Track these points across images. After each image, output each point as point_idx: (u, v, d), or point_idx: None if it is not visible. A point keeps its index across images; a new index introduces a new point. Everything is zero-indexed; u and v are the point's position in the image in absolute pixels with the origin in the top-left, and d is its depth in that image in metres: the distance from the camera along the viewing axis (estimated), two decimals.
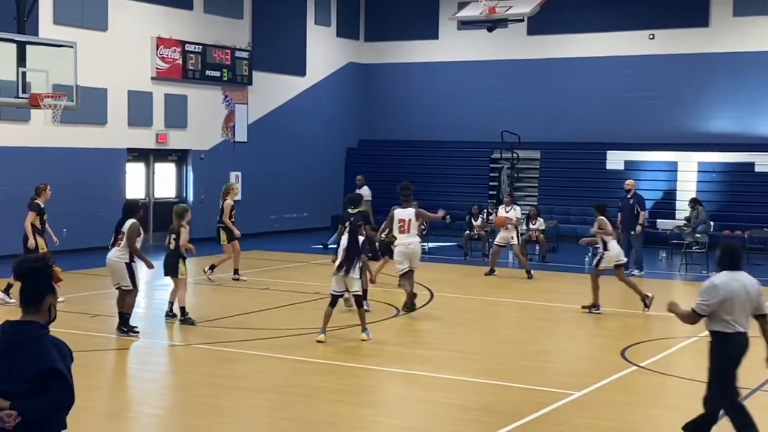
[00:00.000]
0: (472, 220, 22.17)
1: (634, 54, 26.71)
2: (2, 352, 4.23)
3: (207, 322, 13.21)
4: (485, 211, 23.02)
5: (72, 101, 16.53)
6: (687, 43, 26.06)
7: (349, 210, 14.51)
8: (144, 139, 23.06)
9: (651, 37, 26.47)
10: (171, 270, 13.13)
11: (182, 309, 13.12)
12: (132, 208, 12.53)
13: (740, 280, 7.43)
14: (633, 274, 18.99)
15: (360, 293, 12.31)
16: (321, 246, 23.31)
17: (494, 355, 11.54)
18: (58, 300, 4.47)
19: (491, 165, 28.03)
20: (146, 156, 23.57)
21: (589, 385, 9.85)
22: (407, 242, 14.21)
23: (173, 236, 13.09)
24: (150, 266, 12.66)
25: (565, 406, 9.07)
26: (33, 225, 14.32)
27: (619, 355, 11.44)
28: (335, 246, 13.36)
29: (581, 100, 27.22)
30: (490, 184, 27.69)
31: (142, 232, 12.39)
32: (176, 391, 9.91)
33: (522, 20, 22.02)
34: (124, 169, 22.44)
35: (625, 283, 15.00)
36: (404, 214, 14.41)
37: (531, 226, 21.56)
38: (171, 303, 13.34)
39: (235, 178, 25.03)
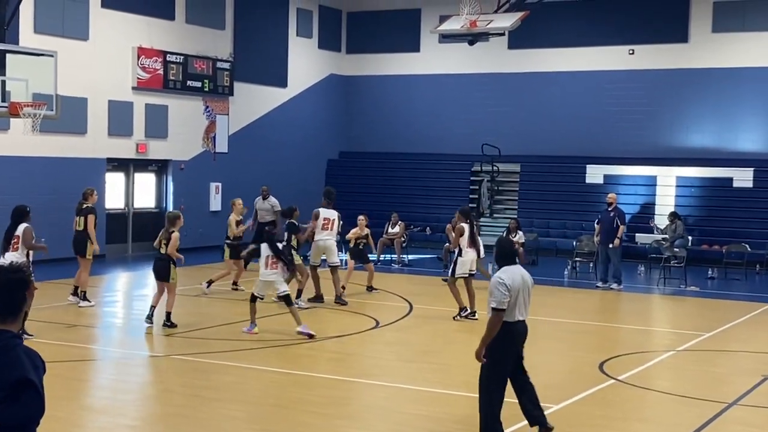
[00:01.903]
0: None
1: (614, 69, 26.89)
2: None
3: (187, 331, 13.16)
4: None
5: (52, 110, 16.48)
6: (666, 58, 26.26)
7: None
8: (124, 148, 22.98)
9: (631, 52, 26.66)
10: (162, 274, 13.23)
11: (168, 314, 13.14)
12: (22, 213, 12.84)
13: (520, 273, 8.09)
14: (611, 288, 19.10)
15: (287, 293, 13.16)
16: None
17: (471, 367, 11.47)
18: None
19: (471, 178, 28.12)
20: (126, 166, 23.48)
21: (566, 399, 9.87)
22: (325, 238, 15.91)
23: (164, 241, 13.17)
24: (45, 250, 13.28)
25: None
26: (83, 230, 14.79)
27: (597, 369, 11.47)
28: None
29: (561, 114, 27.37)
30: (471, 197, 27.73)
31: (34, 234, 12.87)
32: (153, 402, 9.86)
33: (503, 34, 22.13)
34: (103, 178, 22.34)
35: (468, 293, 15.11)
36: (329, 214, 16.24)
37: (511, 238, 21.59)
38: (153, 307, 13.31)
39: (215, 188, 25.01)
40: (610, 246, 19.17)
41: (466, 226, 15.04)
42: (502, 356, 7.98)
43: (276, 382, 10.51)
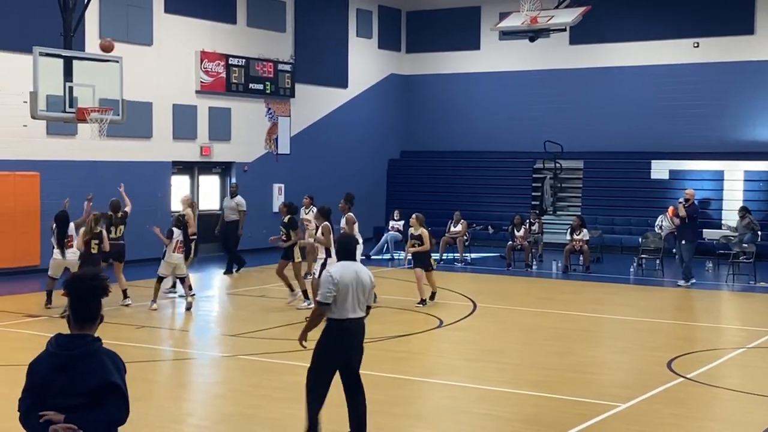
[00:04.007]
0: (515, 231, 22.07)
1: (678, 62, 26.46)
2: (57, 367, 4.25)
3: (254, 332, 13.29)
4: (527, 221, 22.93)
5: (118, 115, 16.74)
6: (732, 51, 25.76)
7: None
8: (188, 151, 23.30)
9: (695, 45, 26.21)
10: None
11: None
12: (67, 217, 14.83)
13: (353, 269, 7.85)
14: (679, 285, 18.82)
15: (185, 276, 15.36)
16: (364, 257, 23.36)
17: (537, 367, 11.46)
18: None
19: (534, 175, 27.89)
20: (191, 168, 23.81)
21: (634, 397, 9.75)
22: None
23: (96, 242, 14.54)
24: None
25: (610, 419, 8.98)
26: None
27: (666, 367, 11.31)
28: (378, 256, 13.83)
29: (625, 109, 27.02)
30: (533, 194, 27.55)
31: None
32: (221, 402, 9.97)
33: (564, 30, 21.91)
34: (169, 181, 22.68)
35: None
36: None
37: (575, 236, 21.40)
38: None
39: (278, 190, 25.22)
40: (682, 243, 18.93)
41: (329, 226, 15.09)
42: (326, 353, 7.85)
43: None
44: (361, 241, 14.27)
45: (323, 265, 13.92)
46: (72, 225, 14.94)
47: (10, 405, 4.63)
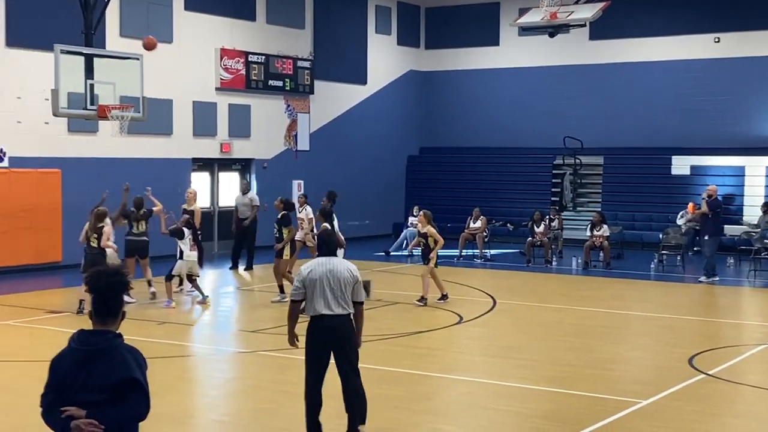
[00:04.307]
0: (534, 227, 22.01)
1: (699, 57, 26.29)
2: (79, 362, 4.28)
3: (274, 328, 13.33)
4: (547, 217, 22.87)
5: (139, 112, 16.81)
6: (753, 45, 25.56)
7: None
8: (208, 148, 23.39)
9: (716, 40, 26.03)
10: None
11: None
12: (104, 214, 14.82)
13: (325, 265, 7.60)
14: (700, 281, 18.73)
15: (198, 276, 15.65)
16: (383, 253, 23.40)
17: (557, 363, 11.43)
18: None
19: (553, 171, 27.81)
20: (211, 165, 23.90)
21: (655, 394, 9.71)
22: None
23: (95, 235, 14.48)
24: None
25: (631, 415, 8.95)
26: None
27: (687, 363, 11.25)
28: (397, 253, 13.85)
29: (645, 105, 26.88)
30: (553, 190, 27.47)
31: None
32: (241, 398, 10.02)
33: (584, 25, 21.85)
34: (189, 178, 22.77)
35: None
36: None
37: (595, 232, 21.32)
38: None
39: (297, 186, 25.26)
40: (705, 238, 18.85)
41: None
42: (309, 350, 7.68)
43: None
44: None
45: None
46: (108, 219, 14.88)
47: (34, 401, 4.67)
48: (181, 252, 15.36)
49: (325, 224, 15.21)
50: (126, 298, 14.27)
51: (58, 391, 4.31)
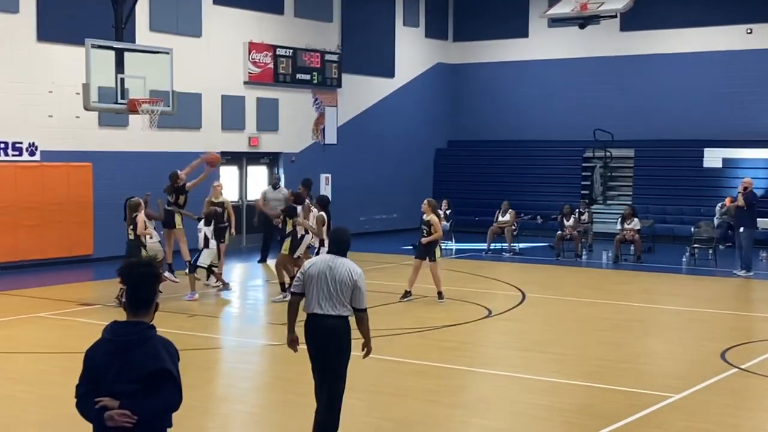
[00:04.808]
0: (564, 220, 21.88)
1: (731, 49, 26.01)
2: (112, 353, 4.30)
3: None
4: (577, 210, 22.73)
5: (168, 106, 16.88)
6: None
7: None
8: (237, 142, 23.46)
9: (749, 31, 25.74)
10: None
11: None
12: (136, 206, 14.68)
13: (328, 262, 7.20)
14: (736, 275, 18.55)
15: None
16: (411, 246, 23.34)
17: (588, 357, 11.36)
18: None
19: (583, 164, 27.63)
20: (239, 159, 23.97)
21: (687, 388, 9.62)
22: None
23: (131, 226, 14.39)
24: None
25: (663, 409, 8.88)
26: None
27: (719, 357, 11.14)
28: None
29: (676, 97, 26.64)
30: (583, 183, 27.31)
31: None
32: (270, 390, 10.04)
33: (615, 16, 21.71)
34: (218, 172, 22.79)
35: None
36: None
37: (626, 225, 21.15)
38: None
39: (325, 180, 25.29)
40: (740, 230, 18.68)
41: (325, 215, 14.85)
42: (308, 348, 7.39)
43: (391, 370, 10.55)
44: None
45: (316, 253, 14.12)
46: (142, 214, 14.64)
47: (67, 391, 4.69)
48: (207, 241, 15.39)
49: (321, 213, 14.97)
50: (169, 276, 14.36)
51: (92, 381, 4.33)
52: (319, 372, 7.40)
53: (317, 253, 14.17)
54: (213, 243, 15.43)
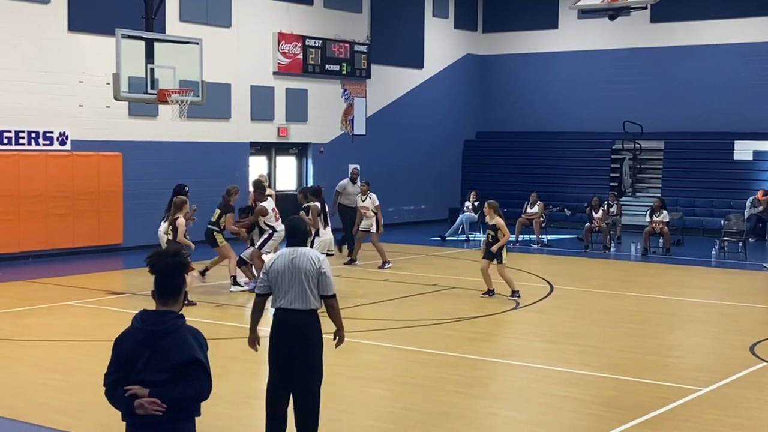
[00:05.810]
0: (593, 212, 21.78)
1: (762, 40, 25.73)
2: (142, 342, 4.35)
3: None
4: (606, 203, 22.61)
5: (198, 96, 16.97)
6: None
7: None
8: (266, 132, 23.54)
9: None
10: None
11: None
12: (179, 191, 14.74)
13: (288, 256, 7.03)
14: (766, 268, 18.42)
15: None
16: (439, 238, 23.35)
17: (616, 349, 11.32)
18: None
19: (612, 156, 27.48)
20: (268, 149, 24.06)
21: (716, 381, 9.57)
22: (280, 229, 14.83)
23: (171, 228, 13.68)
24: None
25: (691, 402, 8.84)
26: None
27: (748, 351, 11.07)
28: (453, 238, 13.66)
29: (707, 89, 26.40)
30: (611, 175, 27.16)
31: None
32: None
33: (645, 7, 21.50)
34: (247, 162, 22.95)
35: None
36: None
37: (655, 218, 21.02)
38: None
39: (352, 171, 25.29)
40: None
41: (319, 205, 14.63)
42: (270, 346, 7.17)
43: (417, 361, 10.57)
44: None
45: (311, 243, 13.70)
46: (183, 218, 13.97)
47: (96, 379, 4.75)
48: (264, 242, 15.17)
49: (315, 203, 14.80)
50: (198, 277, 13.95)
51: (121, 370, 4.38)
52: (284, 370, 7.11)
53: (312, 244, 13.80)
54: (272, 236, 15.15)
